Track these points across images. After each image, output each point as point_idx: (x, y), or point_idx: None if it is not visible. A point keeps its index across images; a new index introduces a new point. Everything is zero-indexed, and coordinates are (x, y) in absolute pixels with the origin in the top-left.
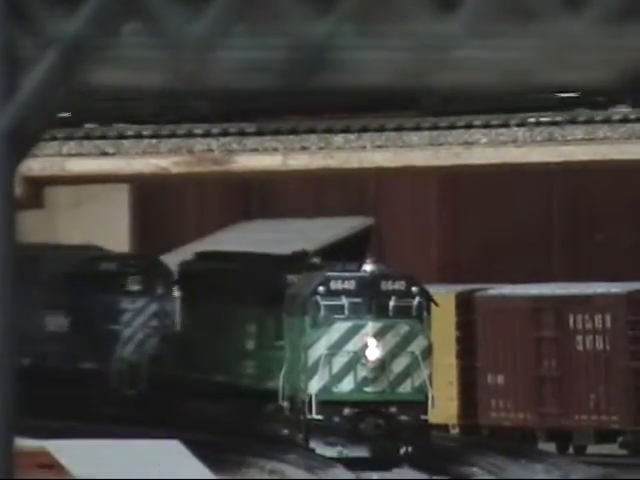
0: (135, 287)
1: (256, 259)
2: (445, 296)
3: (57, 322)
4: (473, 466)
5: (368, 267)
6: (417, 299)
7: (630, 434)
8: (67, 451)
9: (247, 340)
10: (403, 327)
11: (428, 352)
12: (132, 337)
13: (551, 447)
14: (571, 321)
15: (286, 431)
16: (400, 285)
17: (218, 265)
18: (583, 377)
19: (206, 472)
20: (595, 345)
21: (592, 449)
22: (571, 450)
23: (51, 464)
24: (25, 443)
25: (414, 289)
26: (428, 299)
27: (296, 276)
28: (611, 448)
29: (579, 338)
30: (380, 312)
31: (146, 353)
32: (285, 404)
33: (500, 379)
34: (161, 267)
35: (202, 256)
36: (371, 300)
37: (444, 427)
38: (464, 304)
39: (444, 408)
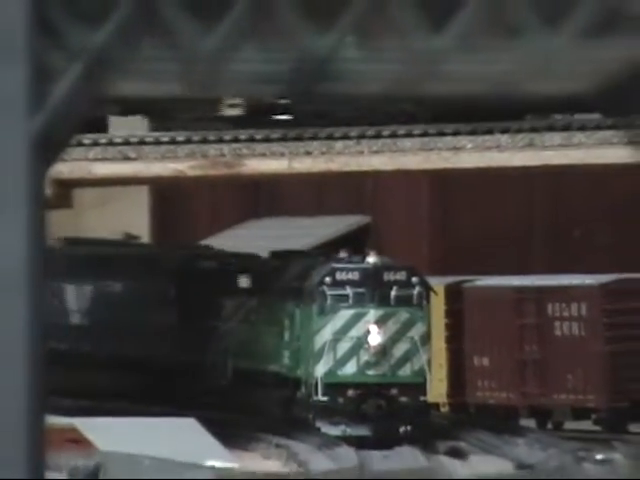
0: (237, 284)
1: (304, 256)
2: (435, 287)
3: (169, 317)
4: (462, 441)
5: (371, 259)
6: (417, 289)
7: (603, 412)
8: (93, 427)
9: (286, 331)
10: (403, 315)
11: (427, 338)
12: (229, 331)
13: (531, 423)
14: (550, 309)
15: (298, 412)
16: (401, 276)
17: (282, 263)
18: (561, 360)
19: (217, 445)
20: (572, 331)
21: (569, 425)
22: (550, 426)
23: (79, 439)
24: (55, 420)
25: (414, 279)
26: (427, 289)
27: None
28: (586, 424)
29: (557, 325)
30: (382, 301)
31: (235, 346)
32: (303, 388)
33: (486, 361)
34: (260, 264)
35: (274, 255)
36: (374, 290)
37: (435, 405)
38: (453, 294)
39: (435, 388)
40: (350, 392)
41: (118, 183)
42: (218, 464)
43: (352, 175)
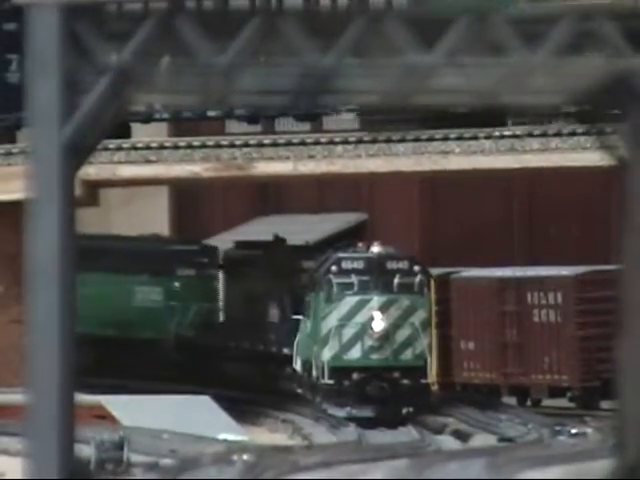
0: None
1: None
2: None
3: (274, 314)
4: (450, 416)
5: (375, 249)
6: (418, 277)
7: (577, 390)
8: (118, 404)
9: (310, 320)
10: (405, 301)
11: (427, 323)
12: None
13: (512, 400)
14: (529, 298)
15: (307, 394)
16: (403, 265)
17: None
18: (539, 343)
19: (229, 420)
20: (548, 317)
21: (546, 402)
22: (529, 403)
23: (105, 415)
24: (83, 398)
25: (416, 268)
26: (428, 277)
27: None
28: (561, 401)
29: (535, 312)
30: (385, 288)
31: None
32: (314, 372)
33: (471, 345)
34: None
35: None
36: (377, 278)
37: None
38: (441, 284)
39: None
40: (355, 375)
41: (140, 184)
42: (230, 437)
43: (350, 176)
